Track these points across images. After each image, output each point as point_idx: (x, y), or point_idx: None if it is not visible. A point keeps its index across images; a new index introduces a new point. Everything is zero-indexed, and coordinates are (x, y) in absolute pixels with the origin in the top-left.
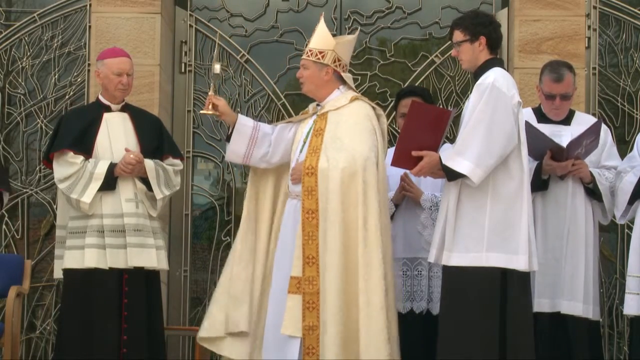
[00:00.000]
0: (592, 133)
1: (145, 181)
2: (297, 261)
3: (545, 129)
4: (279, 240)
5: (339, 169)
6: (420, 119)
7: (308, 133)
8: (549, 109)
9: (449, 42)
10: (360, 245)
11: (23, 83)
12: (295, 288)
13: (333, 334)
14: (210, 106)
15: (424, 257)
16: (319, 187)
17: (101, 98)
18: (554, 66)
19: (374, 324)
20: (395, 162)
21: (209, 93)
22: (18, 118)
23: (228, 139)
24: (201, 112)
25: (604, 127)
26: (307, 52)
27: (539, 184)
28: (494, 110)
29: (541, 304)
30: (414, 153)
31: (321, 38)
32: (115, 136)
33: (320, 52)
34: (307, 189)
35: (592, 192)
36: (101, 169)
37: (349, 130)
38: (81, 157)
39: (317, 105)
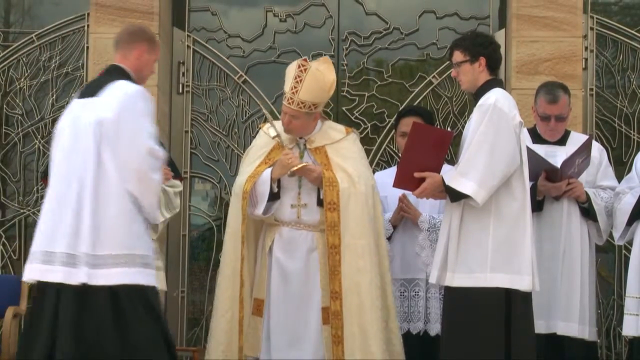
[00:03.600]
0: (584, 151)
1: None
2: (325, 292)
3: (540, 149)
4: (278, 269)
5: (359, 201)
6: (422, 141)
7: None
8: (544, 130)
9: (447, 62)
10: (375, 269)
11: (21, 104)
12: (328, 319)
13: None
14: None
15: (422, 277)
16: (341, 223)
17: None
18: (549, 87)
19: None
20: (397, 184)
21: (288, 151)
22: (16, 139)
23: (275, 196)
24: (294, 170)
25: (599, 147)
26: (299, 104)
27: (534, 205)
28: (496, 131)
29: (537, 325)
30: (417, 174)
31: (317, 90)
32: None
33: (314, 105)
34: (330, 224)
35: (588, 212)
36: None
37: (355, 168)
38: None
39: (301, 138)
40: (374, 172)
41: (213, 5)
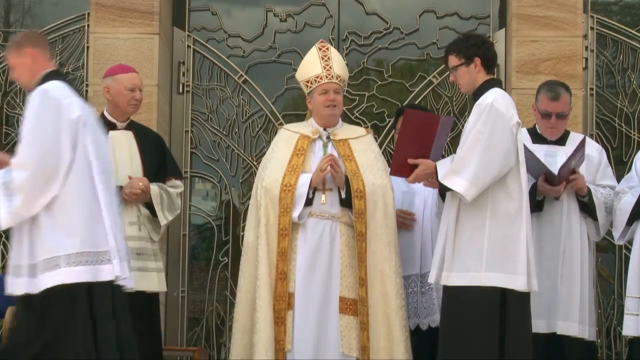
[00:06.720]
0: (579, 152)
1: (149, 206)
2: (346, 282)
3: (540, 149)
4: (303, 260)
5: (384, 194)
6: (414, 126)
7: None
8: (545, 128)
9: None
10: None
11: (21, 103)
12: (347, 309)
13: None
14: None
15: (416, 273)
16: (367, 210)
17: (107, 115)
18: (551, 85)
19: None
20: (393, 172)
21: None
22: (16, 138)
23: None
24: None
25: (598, 147)
26: (337, 78)
27: (534, 205)
28: (492, 131)
29: (537, 324)
30: (410, 161)
31: (343, 66)
32: (121, 156)
33: (344, 81)
34: (357, 211)
35: (587, 207)
36: None
37: (377, 161)
38: None
39: (325, 129)
40: None
41: (213, 5)
